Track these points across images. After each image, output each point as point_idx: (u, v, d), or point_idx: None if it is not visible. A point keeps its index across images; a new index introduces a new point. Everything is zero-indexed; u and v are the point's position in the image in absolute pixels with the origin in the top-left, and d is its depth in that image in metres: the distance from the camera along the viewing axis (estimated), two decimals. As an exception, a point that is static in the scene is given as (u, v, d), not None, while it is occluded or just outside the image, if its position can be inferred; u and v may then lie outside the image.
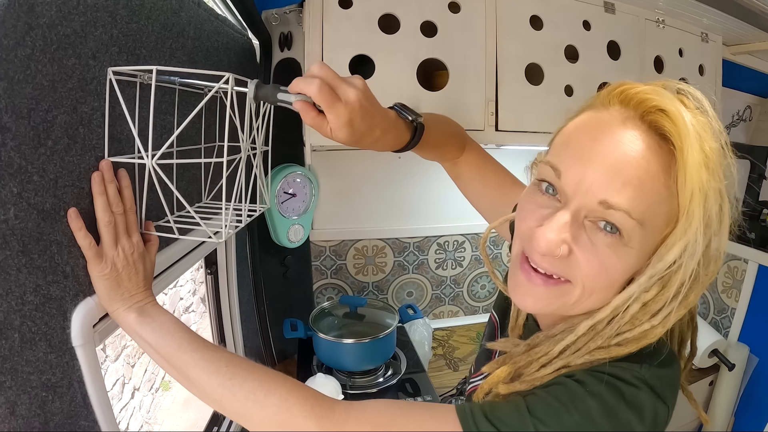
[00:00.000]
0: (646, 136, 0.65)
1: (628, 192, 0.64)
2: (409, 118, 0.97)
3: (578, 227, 0.68)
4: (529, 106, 1.60)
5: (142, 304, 0.83)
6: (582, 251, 0.67)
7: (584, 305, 0.72)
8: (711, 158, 0.63)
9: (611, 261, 0.67)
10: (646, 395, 0.64)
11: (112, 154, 0.82)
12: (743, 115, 2.52)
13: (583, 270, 0.68)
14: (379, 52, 1.42)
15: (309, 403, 0.74)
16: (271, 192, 1.81)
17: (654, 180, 0.64)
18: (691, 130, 0.62)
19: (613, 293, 0.69)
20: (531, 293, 0.73)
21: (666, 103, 0.64)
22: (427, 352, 2.06)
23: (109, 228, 0.78)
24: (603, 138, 0.67)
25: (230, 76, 0.79)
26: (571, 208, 0.67)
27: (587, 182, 0.66)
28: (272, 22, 1.63)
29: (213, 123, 1.16)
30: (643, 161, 0.64)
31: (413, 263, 2.36)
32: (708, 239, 0.64)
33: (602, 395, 0.63)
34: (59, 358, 0.73)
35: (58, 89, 0.68)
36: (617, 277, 0.68)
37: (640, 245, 0.66)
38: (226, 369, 0.78)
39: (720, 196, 0.64)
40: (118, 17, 0.80)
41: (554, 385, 0.68)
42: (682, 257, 0.64)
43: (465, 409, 0.68)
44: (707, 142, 0.63)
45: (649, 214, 0.64)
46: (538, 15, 1.59)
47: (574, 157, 0.69)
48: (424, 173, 2.15)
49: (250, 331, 1.85)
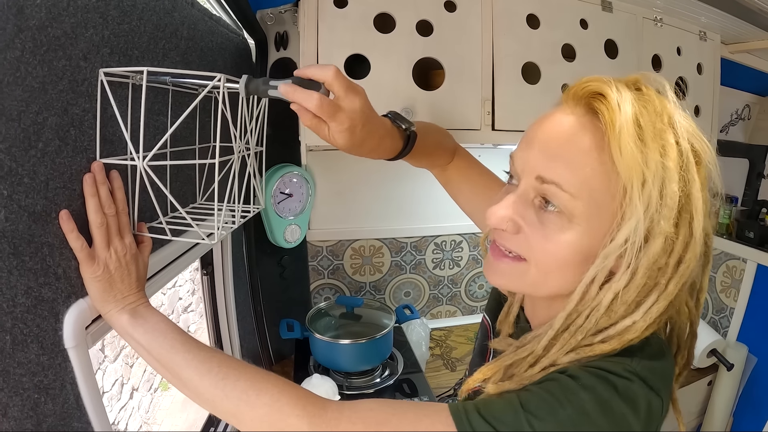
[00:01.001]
0: (582, 118, 0.69)
1: (558, 166, 0.68)
2: (403, 127, 0.99)
3: (527, 206, 0.73)
4: (526, 106, 1.59)
5: (135, 305, 0.83)
6: (529, 228, 0.72)
7: (547, 287, 0.75)
8: (647, 133, 0.64)
9: (557, 237, 0.70)
10: (639, 387, 0.64)
11: (104, 155, 0.81)
12: (742, 114, 2.53)
13: (533, 246, 0.72)
14: (374, 52, 1.41)
15: (301, 402, 0.74)
16: (267, 192, 1.81)
17: (585, 154, 0.67)
18: (623, 107, 0.65)
19: (573, 275, 0.71)
20: (495, 269, 0.78)
21: (599, 86, 0.68)
22: (424, 352, 2.06)
23: (102, 229, 0.78)
24: (546, 124, 0.73)
25: (221, 77, 0.79)
26: (519, 189, 0.74)
27: (529, 163, 0.72)
28: (267, 22, 1.62)
29: (208, 123, 1.15)
30: (574, 137, 0.68)
31: (410, 263, 2.36)
32: (666, 218, 0.64)
33: (596, 389, 0.63)
34: (52, 359, 0.73)
35: (48, 91, 0.68)
36: (566, 255, 0.70)
37: (586, 222, 0.68)
38: (218, 369, 0.78)
39: (670, 171, 0.64)
40: (109, 18, 0.79)
41: (547, 381, 0.68)
42: (628, 238, 0.64)
43: (458, 407, 0.68)
44: (645, 118, 0.65)
45: (585, 188, 0.67)
46: (535, 14, 1.58)
47: (524, 144, 0.75)
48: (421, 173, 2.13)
49: (246, 332, 1.85)
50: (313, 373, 1.67)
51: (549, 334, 0.72)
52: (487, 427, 0.64)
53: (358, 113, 0.83)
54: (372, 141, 0.91)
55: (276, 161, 1.88)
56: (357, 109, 0.83)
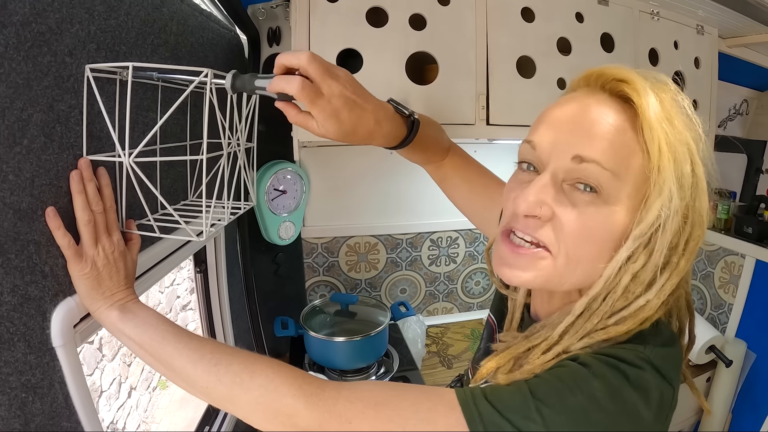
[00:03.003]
0: (610, 101, 0.70)
1: (598, 143, 0.67)
2: (406, 113, 0.98)
3: (558, 191, 0.70)
4: (521, 100, 1.58)
5: (124, 302, 0.83)
6: (564, 212, 0.69)
7: (574, 277, 0.72)
8: (673, 114, 0.67)
9: (593, 220, 0.68)
10: (651, 376, 0.63)
11: (91, 152, 0.81)
12: (740, 109, 2.52)
13: (567, 233, 0.68)
14: (367, 46, 1.40)
15: (297, 382, 0.72)
16: (261, 189, 1.80)
17: (621, 133, 0.67)
18: (649, 90, 0.66)
19: (602, 262, 0.69)
20: (515, 264, 0.73)
21: (622, 72, 0.69)
22: (420, 349, 2.05)
23: (89, 227, 0.78)
24: (570, 106, 0.72)
25: (209, 71, 0.78)
26: (549, 171, 0.70)
27: (560, 143, 0.70)
28: (259, 17, 1.62)
29: (199, 120, 1.15)
30: (608, 118, 0.68)
31: (406, 260, 2.36)
32: (686, 197, 0.66)
33: (607, 377, 0.62)
34: (39, 358, 0.72)
35: (33, 87, 0.68)
36: (604, 237, 0.68)
37: (622, 202, 0.67)
38: (210, 356, 0.77)
39: (689, 152, 0.66)
40: (95, 13, 0.79)
41: (557, 368, 0.67)
42: (660, 216, 0.65)
43: (465, 392, 0.67)
44: (666, 102, 0.67)
45: (623, 166, 0.67)
46: (530, 7, 1.57)
47: (546, 127, 0.73)
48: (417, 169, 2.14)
49: (241, 330, 1.85)
50: (308, 371, 1.66)
51: (568, 320, 0.71)
52: (494, 412, 0.63)
53: (339, 98, 0.82)
54: (366, 126, 0.88)
55: (270, 158, 1.87)
56: (336, 93, 0.81)
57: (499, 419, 0.62)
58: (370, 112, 0.88)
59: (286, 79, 0.78)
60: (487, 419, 0.62)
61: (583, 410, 0.60)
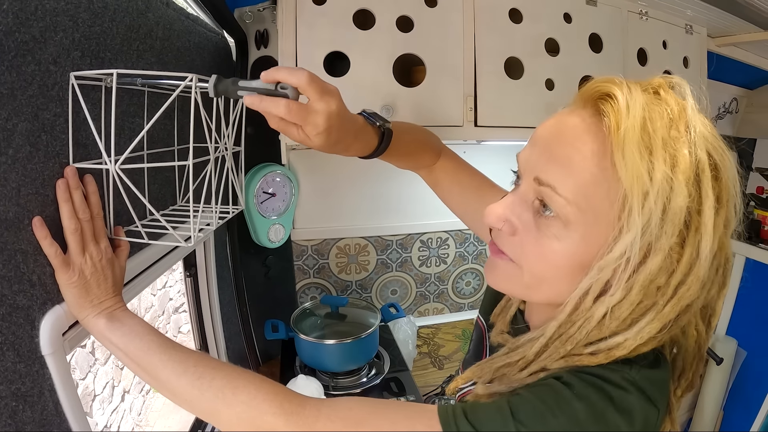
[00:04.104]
0: (588, 120, 0.66)
1: (555, 168, 0.67)
2: (377, 124, 0.98)
3: (525, 208, 0.71)
4: (509, 101, 1.59)
5: (112, 309, 0.83)
6: (524, 231, 0.71)
7: (541, 292, 0.73)
8: (656, 141, 0.61)
9: (550, 243, 0.68)
10: (636, 399, 0.62)
11: (77, 160, 0.81)
12: (729, 108, 2.54)
13: (526, 251, 0.71)
14: (354, 49, 1.40)
15: (278, 399, 0.73)
16: (250, 192, 1.80)
17: (585, 159, 0.64)
18: (632, 110, 0.61)
19: (567, 284, 0.69)
20: (491, 267, 0.78)
21: (609, 87, 0.65)
22: (411, 350, 2.06)
23: (76, 235, 0.78)
24: (550, 123, 0.71)
25: (193, 77, 0.78)
26: (520, 189, 0.73)
27: (530, 162, 0.71)
28: (246, 20, 1.61)
29: (186, 125, 1.14)
30: (577, 141, 0.65)
31: (396, 261, 2.36)
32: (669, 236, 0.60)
33: (590, 398, 0.61)
34: (28, 367, 0.72)
35: (17, 96, 0.67)
36: (559, 262, 0.68)
37: (582, 230, 0.66)
38: (194, 369, 0.77)
39: (670, 185, 0.59)
40: (79, 21, 0.78)
41: (540, 386, 0.67)
42: (624, 253, 0.61)
43: (447, 409, 0.67)
44: (655, 124, 0.62)
45: (582, 194, 0.64)
46: (517, 8, 1.57)
47: (529, 143, 0.74)
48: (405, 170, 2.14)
49: (232, 333, 1.85)
50: (299, 373, 1.66)
51: (541, 341, 0.71)
52: (472, 430, 0.63)
53: (334, 116, 0.83)
54: (346, 139, 0.90)
55: (258, 161, 1.87)
56: (333, 111, 0.82)
57: None
58: (350, 128, 0.90)
59: (273, 102, 0.79)
60: None
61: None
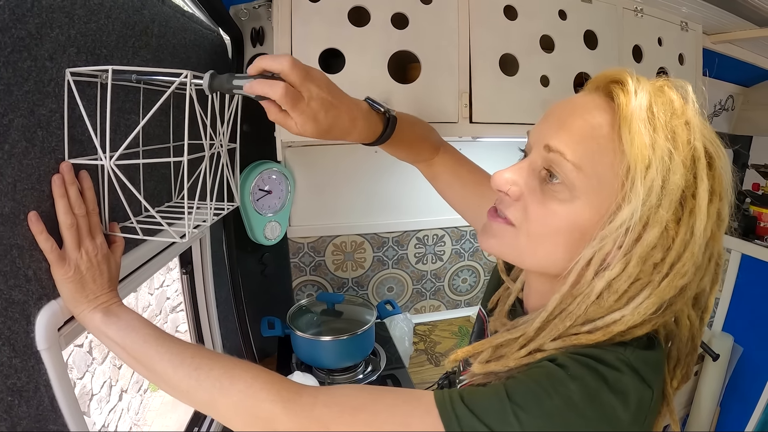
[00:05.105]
0: (599, 100, 0.72)
1: (566, 136, 0.70)
2: (381, 109, 0.99)
3: (533, 176, 0.74)
4: (504, 97, 1.59)
5: (108, 304, 0.83)
6: (530, 195, 0.74)
7: (535, 256, 0.75)
8: (659, 121, 0.65)
9: (555, 207, 0.71)
10: (630, 379, 0.63)
11: (73, 155, 0.81)
12: (725, 105, 2.54)
13: (530, 215, 0.73)
14: (349, 46, 1.41)
15: (275, 387, 0.73)
16: (246, 189, 1.80)
17: (594, 129, 0.69)
18: (639, 93, 0.66)
19: (564, 250, 0.71)
20: (487, 230, 0.80)
21: (620, 74, 0.70)
22: (407, 347, 2.06)
23: (71, 230, 0.78)
24: (562, 104, 0.76)
25: (188, 73, 0.78)
26: (530, 157, 0.76)
27: (541, 134, 0.75)
28: (242, 17, 1.61)
29: (182, 121, 1.14)
30: (587, 114, 0.71)
31: (393, 258, 2.37)
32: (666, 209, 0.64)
33: (584, 379, 0.62)
34: (24, 362, 0.73)
35: (13, 92, 0.68)
36: (560, 225, 0.71)
37: (587, 197, 0.69)
38: (191, 360, 0.78)
39: (670, 161, 0.64)
40: (75, 17, 0.79)
41: (535, 369, 0.67)
42: (624, 223, 0.65)
43: (444, 395, 0.67)
44: (659, 108, 0.66)
45: (589, 161, 0.68)
46: (512, 5, 1.57)
47: (540, 121, 0.78)
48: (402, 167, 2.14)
49: (229, 331, 1.85)
50: (295, 370, 1.67)
51: (542, 316, 0.72)
52: (471, 415, 0.63)
53: (317, 100, 0.83)
54: (341, 124, 0.90)
55: (254, 158, 1.87)
56: (315, 96, 0.83)
57: (476, 422, 0.63)
58: (345, 112, 0.90)
59: (269, 83, 0.79)
60: (464, 422, 0.63)
61: (560, 414, 0.61)
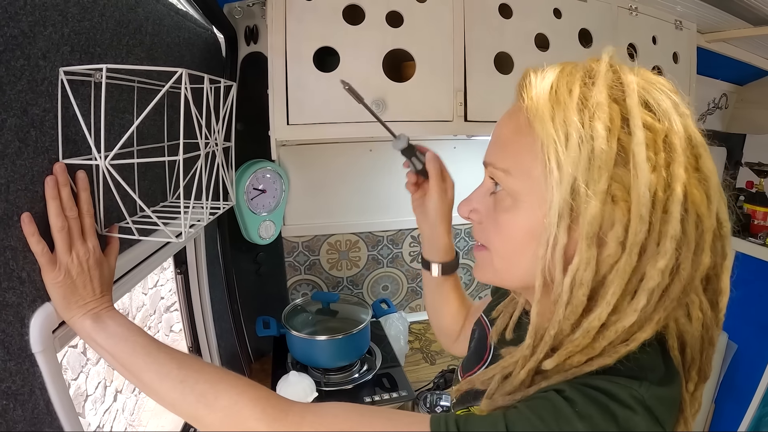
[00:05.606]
0: (517, 105, 0.71)
1: (494, 147, 0.74)
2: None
3: (487, 196, 0.76)
4: (499, 96, 1.58)
5: (98, 310, 0.81)
6: (488, 215, 0.75)
7: (514, 274, 0.73)
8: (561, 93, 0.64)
9: (504, 217, 0.71)
10: (642, 419, 0.57)
11: (67, 155, 0.80)
12: (719, 103, 2.55)
13: (490, 233, 0.74)
14: (344, 44, 1.40)
15: (260, 404, 0.72)
16: (240, 188, 1.80)
17: (513, 132, 0.70)
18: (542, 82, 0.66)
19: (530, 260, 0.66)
20: (476, 263, 0.81)
21: (524, 74, 0.71)
22: (403, 346, 2.06)
23: (63, 233, 0.77)
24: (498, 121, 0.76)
25: (183, 71, 0.78)
26: (483, 180, 0.78)
27: (485, 157, 0.76)
28: (236, 16, 1.61)
29: (176, 120, 1.14)
30: (507, 121, 0.72)
31: (387, 257, 2.36)
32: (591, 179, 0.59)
33: (593, 418, 0.56)
34: (19, 365, 0.72)
35: (6, 92, 0.67)
36: (515, 234, 0.69)
37: (528, 198, 0.67)
38: (177, 372, 0.77)
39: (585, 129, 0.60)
40: (69, 15, 0.78)
41: (539, 400, 0.62)
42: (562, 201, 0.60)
43: (440, 419, 0.64)
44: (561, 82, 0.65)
45: (516, 163, 0.68)
46: (507, 3, 1.57)
47: None
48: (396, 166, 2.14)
49: (224, 331, 1.84)
50: (290, 370, 1.66)
51: (530, 331, 0.68)
52: None
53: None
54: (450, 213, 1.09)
55: (248, 157, 1.87)
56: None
57: None
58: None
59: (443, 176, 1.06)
60: None
61: None
